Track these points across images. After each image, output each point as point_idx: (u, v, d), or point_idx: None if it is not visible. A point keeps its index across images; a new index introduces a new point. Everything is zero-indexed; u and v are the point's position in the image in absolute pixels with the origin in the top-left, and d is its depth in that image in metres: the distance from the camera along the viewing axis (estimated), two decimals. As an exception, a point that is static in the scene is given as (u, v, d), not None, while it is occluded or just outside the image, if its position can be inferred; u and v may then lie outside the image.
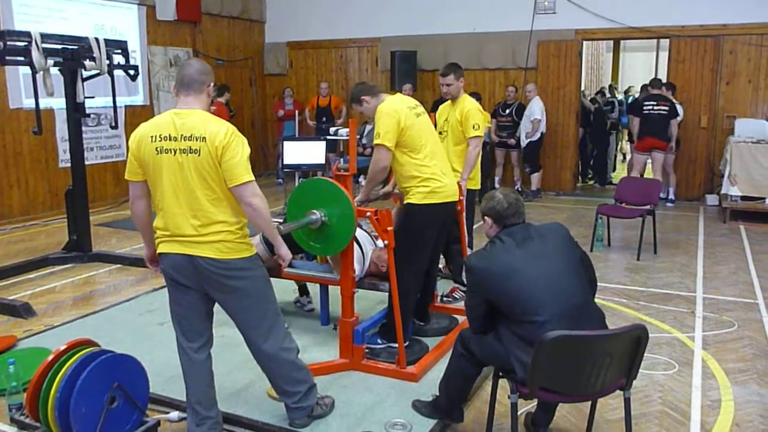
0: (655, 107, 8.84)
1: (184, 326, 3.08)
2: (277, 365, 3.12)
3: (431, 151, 4.01)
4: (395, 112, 3.87)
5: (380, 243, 4.55)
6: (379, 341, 4.09)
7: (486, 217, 2.97)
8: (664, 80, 9.54)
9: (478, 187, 5.47)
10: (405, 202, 4.04)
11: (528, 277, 2.69)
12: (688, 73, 9.61)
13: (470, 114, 5.11)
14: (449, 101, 5.37)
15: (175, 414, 3.37)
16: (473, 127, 5.11)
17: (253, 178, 2.86)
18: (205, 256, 2.85)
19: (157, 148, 2.85)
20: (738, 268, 6.21)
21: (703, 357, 4.18)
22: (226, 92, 10.37)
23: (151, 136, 2.87)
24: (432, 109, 9.83)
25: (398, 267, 3.77)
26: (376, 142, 3.89)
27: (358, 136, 10.57)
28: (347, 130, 4.04)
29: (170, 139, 2.83)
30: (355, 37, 11.74)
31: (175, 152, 2.82)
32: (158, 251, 3.00)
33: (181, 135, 2.82)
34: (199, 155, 2.79)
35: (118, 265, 6.35)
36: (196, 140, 2.79)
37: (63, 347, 3.08)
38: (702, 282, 5.78)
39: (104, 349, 3.14)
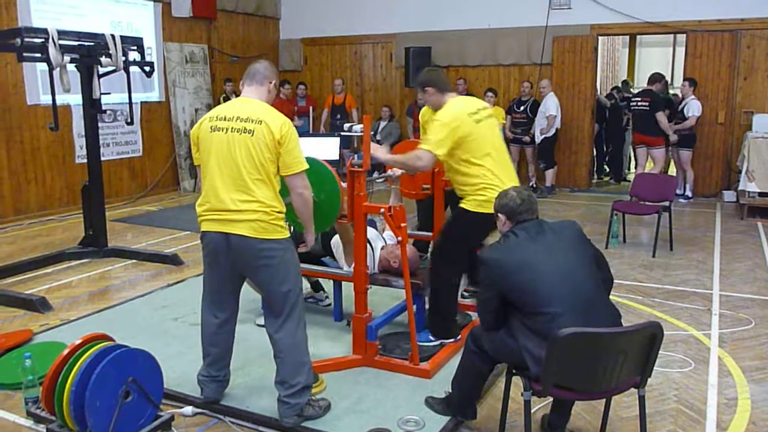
0: (639, 103, 9.03)
1: (214, 299, 3.31)
2: (290, 347, 3.18)
3: (493, 158, 3.84)
4: (454, 120, 3.73)
5: (388, 238, 4.55)
6: (431, 338, 4.06)
7: (500, 215, 2.99)
8: (682, 76, 9.47)
9: None
10: (459, 205, 3.93)
11: (541, 270, 2.70)
12: (705, 68, 9.51)
13: None
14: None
15: (189, 409, 3.39)
16: None
17: (307, 166, 3.13)
18: (239, 233, 3.02)
19: (211, 126, 3.10)
20: (755, 265, 6.14)
21: (719, 355, 4.14)
22: (286, 85, 10.68)
23: (210, 117, 3.14)
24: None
25: (439, 262, 3.76)
26: (425, 147, 3.72)
27: (372, 132, 10.57)
28: (361, 126, 4.03)
29: (225, 120, 3.07)
30: (369, 33, 11.74)
31: (226, 131, 3.04)
32: (201, 230, 3.19)
33: (237, 116, 3.05)
34: (252, 135, 3.00)
35: (134, 261, 6.40)
36: (252, 122, 3.01)
37: (78, 341, 3.11)
38: (719, 279, 5.73)
39: (119, 344, 3.15)
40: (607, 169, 11.81)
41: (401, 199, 4.83)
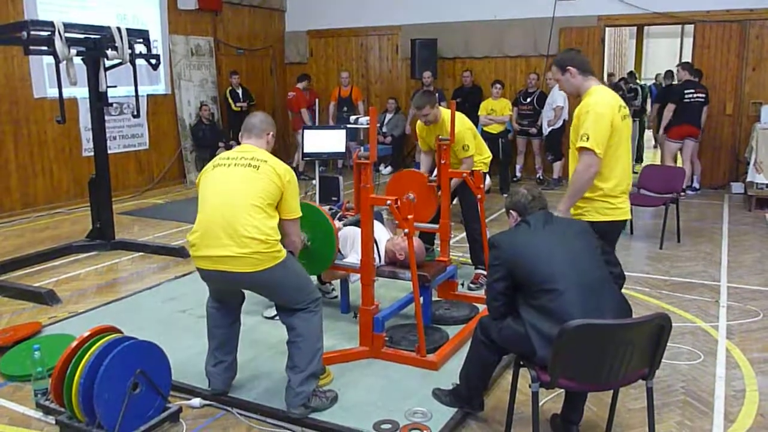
0: (695, 95, 8.75)
1: (217, 298, 3.41)
2: (305, 331, 3.21)
3: (624, 164, 3.54)
4: (609, 109, 3.39)
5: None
6: None
7: (511, 211, 3.06)
8: (689, 67, 9.39)
9: (486, 169, 5.49)
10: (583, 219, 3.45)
11: (549, 250, 2.79)
12: (713, 59, 9.44)
13: (459, 138, 5.06)
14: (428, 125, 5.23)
15: (197, 400, 3.40)
16: (464, 148, 5.14)
17: (301, 214, 3.26)
18: (237, 271, 3.05)
19: (214, 165, 3.23)
20: (763, 257, 6.11)
21: (727, 347, 4.13)
22: (305, 80, 10.87)
23: (215, 159, 3.28)
24: (452, 97, 9.83)
25: None
26: (582, 144, 3.35)
27: (379, 125, 10.56)
28: (367, 118, 4.02)
29: (229, 158, 3.20)
30: (375, 26, 11.70)
31: (229, 165, 3.15)
32: (195, 265, 3.24)
33: (241, 156, 3.18)
34: (257, 170, 3.10)
35: (141, 253, 6.42)
36: (257, 160, 3.14)
37: (87, 334, 3.13)
38: (726, 271, 5.71)
39: (127, 336, 3.17)
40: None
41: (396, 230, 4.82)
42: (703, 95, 8.76)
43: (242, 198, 3.04)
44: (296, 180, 3.22)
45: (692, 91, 8.74)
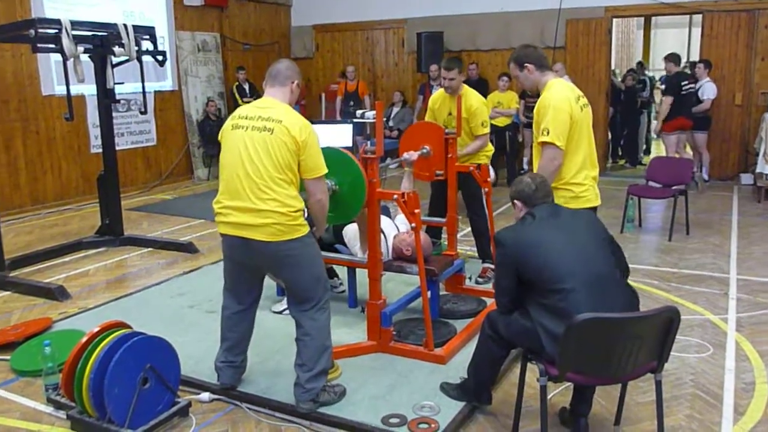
0: (688, 86, 8.69)
1: (233, 290, 3.38)
2: (314, 330, 3.21)
3: (585, 153, 3.63)
4: (566, 102, 3.51)
5: (401, 223, 4.56)
6: None
7: (516, 201, 3.03)
8: (698, 57, 9.33)
9: (488, 162, 5.43)
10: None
11: (555, 247, 2.74)
12: (721, 49, 9.37)
13: (477, 112, 5.03)
14: (448, 94, 5.17)
15: (206, 395, 3.41)
16: (482, 124, 5.07)
17: (326, 170, 3.19)
18: (258, 239, 3.04)
19: (233, 125, 3.16)
20: (773, 249, 6.09)
21: (736, 339, 4.11)
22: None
23: (233, 116, 3.21)
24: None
25: None
26: (543, 139, 3.48)
27: (385, 119, 10.54)
28: (374, 112, 4.00)
29: (247, 118, 3.13)
30: (381, 19, 11.68)
31: (246, 128, 3.09)
32: (219, 231, 3.23)
33: (258, 115, 3.11)
34: (271, 134, 3.03)
35: (150, 249, 6.44)
36: (272, 121, 3.05)
37: (96, 329, 3.15)
38: (736, 263, 5.68)
39: (136, 331, 3.19)
40: (621, 153, 11.69)
41: (413, 183, 4.81)
42: (693, 86, 8.72)
43: (260, 169, 3.01)
44: (315, 136, 3.10)
45: (686, 82, 8.70)
